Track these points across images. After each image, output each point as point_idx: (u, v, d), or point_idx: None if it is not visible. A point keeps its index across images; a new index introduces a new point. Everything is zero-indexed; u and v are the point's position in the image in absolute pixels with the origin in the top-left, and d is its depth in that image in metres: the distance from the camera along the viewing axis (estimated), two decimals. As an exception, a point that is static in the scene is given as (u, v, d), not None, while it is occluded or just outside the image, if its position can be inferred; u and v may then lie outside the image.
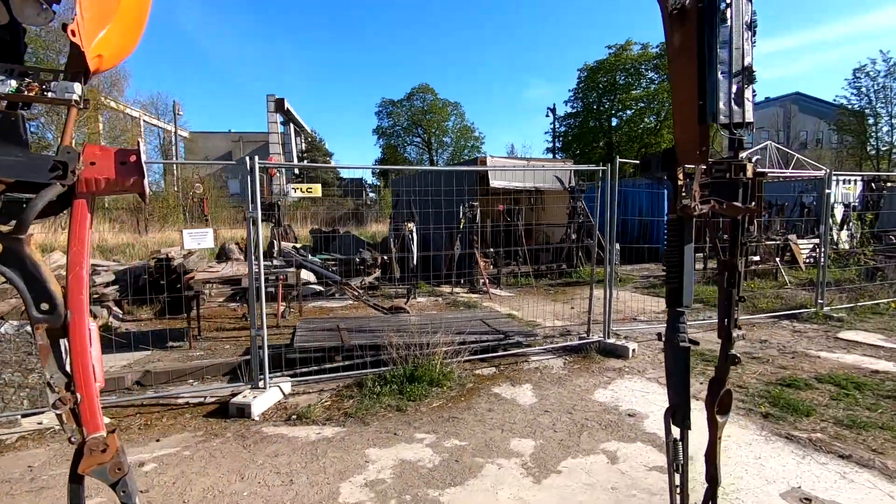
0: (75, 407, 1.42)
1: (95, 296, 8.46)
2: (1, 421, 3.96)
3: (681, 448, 2.16)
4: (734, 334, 2.25)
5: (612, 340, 5.72)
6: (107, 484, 1.43)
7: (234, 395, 4.31)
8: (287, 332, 6.34)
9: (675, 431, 2.27)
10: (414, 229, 9.92)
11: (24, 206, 1.30)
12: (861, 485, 2.95)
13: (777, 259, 10.70)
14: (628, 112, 35.33)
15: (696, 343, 2.13)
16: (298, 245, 14.56)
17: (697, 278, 10.78)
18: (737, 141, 2.21)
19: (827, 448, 3.38)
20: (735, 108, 1.97)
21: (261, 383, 4.41)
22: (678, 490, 2.17)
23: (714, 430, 2.34)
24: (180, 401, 4.46)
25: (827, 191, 6.95)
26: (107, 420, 4.02)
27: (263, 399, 4.26)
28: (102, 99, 33.15)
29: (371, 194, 47.51)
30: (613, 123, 36.42)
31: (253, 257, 4.35)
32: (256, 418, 4.08)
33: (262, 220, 8.67)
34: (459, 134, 47.11)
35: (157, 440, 3.73)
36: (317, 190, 6.69)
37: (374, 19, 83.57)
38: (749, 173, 2.14)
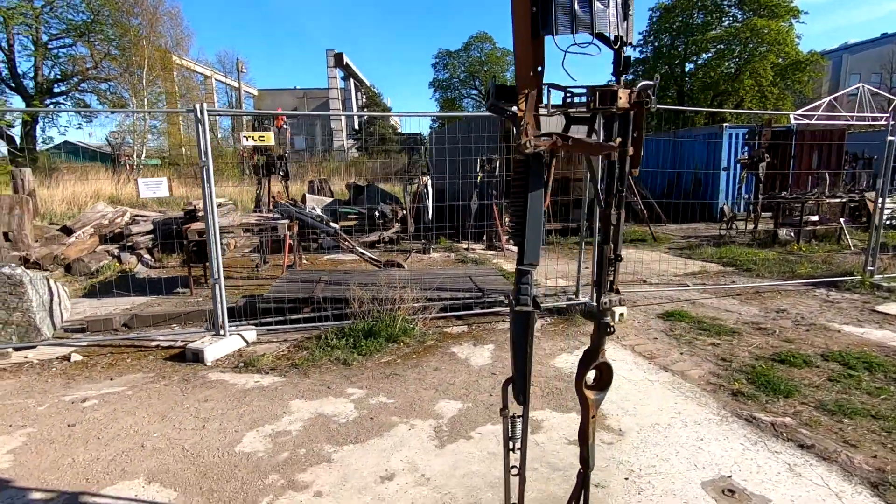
0: None
1: (129, 244, 9.09)
2: (-7, 353, 4.36)
3: (519, 424, 1.88)
4: (607, 300, 1.89)
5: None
6: None
7: (195, 340, 4.45)
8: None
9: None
10: (429, 183, 9.64)
11: None
12: (808, 480, 2.51)
13: (842, 219, 9.36)
14: (704, 56, 31.85)
15: (537, 307, 1.80)
16: (336, 199, 14.78)
17: (747, 239, 9.74)
18: (622, 61, 1.78)
19: (789, 435, 2.92)
20: (579, 15, 1.54)
21: (222, 331, 4.52)
22: (514, 471, 1.91)
23: (586, 407, 2.03)
24: (153, 344, 4.69)
25: (890, 138, 5.83)
26: (78, 358, 4.31)
27: (220, 346, 4.36)
28: (175, 59, 34.84)
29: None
30: (687, 69, 33.09)
31: (209, 209, 4.36)
32: (209, 364, 4.20)
33: (272, 173, 8.81)
34: (518, 85, 44.99)
35: (111, 379, 3.94)
36: (269, 138, 6.56)
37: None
38: (622, 103, 1.71)
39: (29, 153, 28.24)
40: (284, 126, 8.14)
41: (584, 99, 1.76)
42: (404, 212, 10.70)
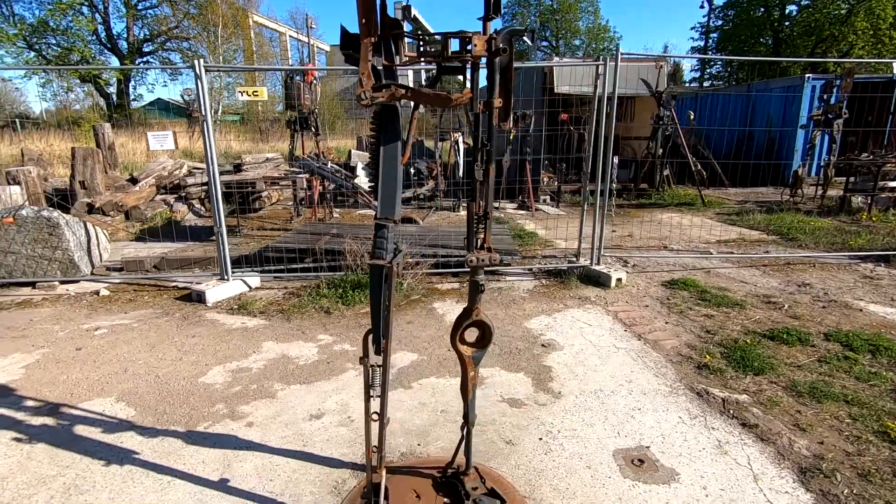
0: None
1: (184, 194, 9.90)
2: (42, 285, 5.05)
3: (379, 373, 1.94)
4: (473, 258, 1.86)
5: (598, 267, 5.08)
6: None
7: (202, 283, 4.87)
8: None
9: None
10: (460, 139, 9.50)
11: None
12: (732, 459, 2.38)
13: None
14: (809, -5, 27.84)
15: (387, 263, 1.80)
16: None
17: (814, 206, 8.78)
18: (491, 4, 1.68)
19: (736, 413, 2.75)
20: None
21: (226, 276, 4.90)
22: (374, 417, 1.99)
23: (464, 364, 2.05)
24: (171, 285, 5.19)
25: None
26: (106, 293, 4.88)
27: (222, 290, 4.75)
28: (252, 17, 36.11)
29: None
30: (789, 11, 29.15)
31: (213, 163, 4.64)
32: (209, 304, 4.59)
33: (303, 129, 9.07)
34: (592, 35, 42.12)
35: (125, 312, 4.45)
36: (262, 93, 6.67)
37: None
38: (478, 51, 1.63)
39: (123, 109, 30.96)
40: (315, 81, 8.29)
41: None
42: (439, 169, 10.67)
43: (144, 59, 33.76)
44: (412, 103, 1.78)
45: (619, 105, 13.04)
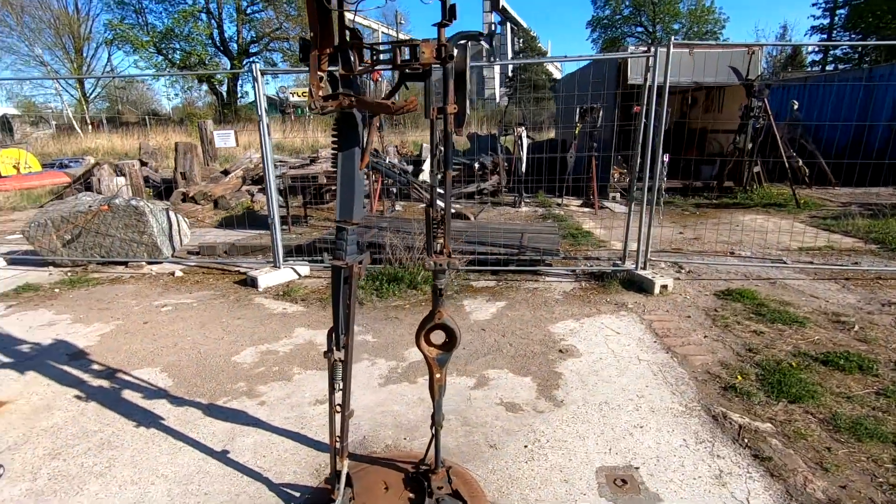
0: None
1: (258, 185, 10.75)
2: (132, 264, 5.81)
3: (339, 369, 2.03)
4: (431, 262, 1.89)
5: (643, 272, 4.79)
6: None
7: (258, 269, 5.32)
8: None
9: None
10: (523, 134, 9.31)
11: None
12: (728, 492, 2.18)
13: None
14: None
15: (345, 264, 1.88)
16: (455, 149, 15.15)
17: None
18: (446, 10, 1.70)
19: (750, 443, 2.50)
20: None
21: (278, 264, 5.30)
22: (337, 409, 2.08)
23: (430, 366, 2.09)
24: (234, 269, 5.72)
25: None
26: (180, 274, 5.50)
27: (273, 276, 5.15)
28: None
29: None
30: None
31: (268, 160, 5.03)
32: (260, 290, 5.01)
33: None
34: (694, 18, 38.90)
35: (190, 293, 4.99)
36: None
37: None
38: (426, 58, 1.65)
39: (230, 107, 34.07)
40: (381, 79, 8.58)
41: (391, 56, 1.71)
42: (505, 164, 10.58)
43: (251, 59, 36.80)
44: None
45: (706, 95, 12.07)
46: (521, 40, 58.05)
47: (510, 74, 55.05)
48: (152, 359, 3.58)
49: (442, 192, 1.83)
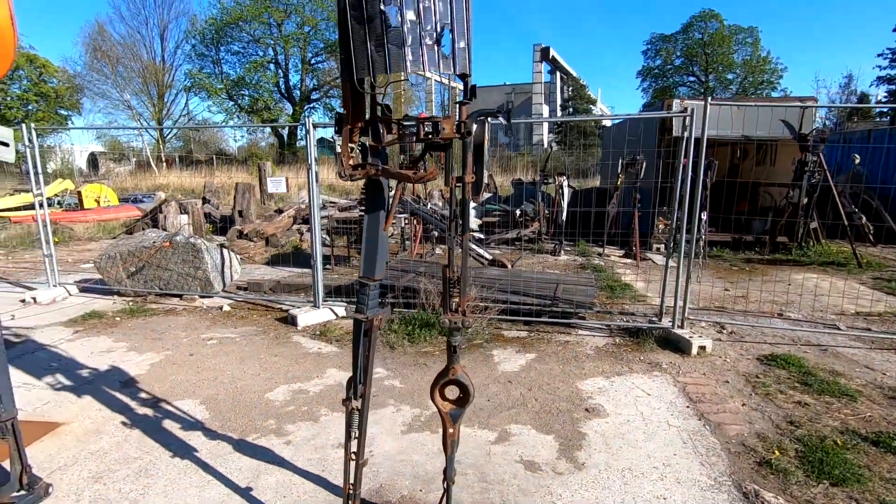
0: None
1: (307, 225, 11.28)
2: (186, 297, 6.22)
3: (356, 418, 2.12)
4: (446, 320, 1.98)
5: (680, 331, 4.65)
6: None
7: (299, 308, 5.56)
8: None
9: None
10: (565, 183, 9.38)
11: None
12: (754, 579, 2.06)
13: None
14: None
15: (366, 318, 2.00)
16: (496, 194, 15.41)
17: None
18: (467, 90, 1.87)
19: (784, 526, 2.35)
20: (374, 58, 1.70)
21: (318, 304, 5.53)
22: (352, 456, 2.15)
23: (444, 421, 2.15)
24: (277, 306, 6.00)
25: None
26: (228, 309, 5.83)
27: (312, 316, 5.37)
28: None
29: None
30: None
31: (314, 204, 5.36)
32: (299, 328, 5.22)
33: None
34: (750, 68, 38.39)
35: (235, 327, 5.27)
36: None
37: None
38: (447, 133, 1.81)
39: (290, 148, 36.24)
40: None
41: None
42: (548, 212, 10.65)
43: (311, 105, 39.35)
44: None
45: (758, 148, 11.78)
46: (570, 88, 58.99)
47: (557, 125, 55.78)
48: (193, 390, 3.80)
49: (475, 240, 1.94)
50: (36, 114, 30.91)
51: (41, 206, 6.35)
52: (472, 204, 9.23)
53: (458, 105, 1.87)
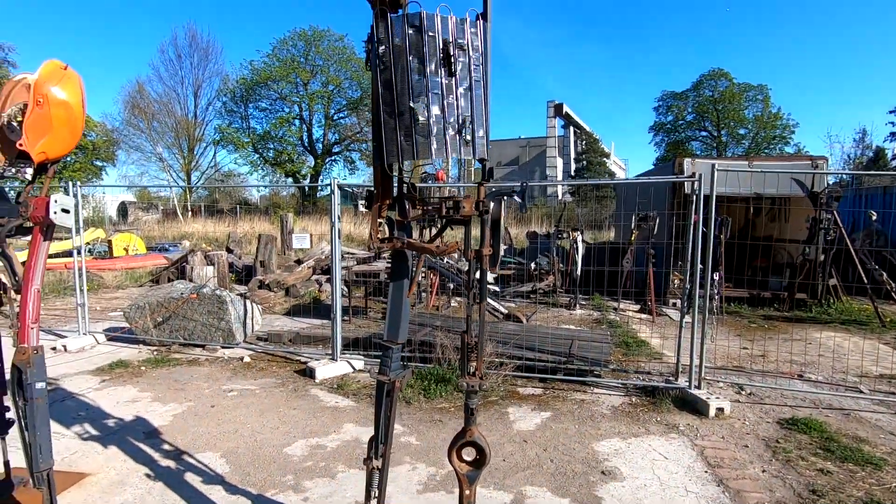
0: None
1: (326, 275, 11.53)
2: (209, 347, 6.39)
3: (376, 477, 2.20)
4: (464, 383, 2.10)
5: (697, 392, 4.62)
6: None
7: (317, 360, 5.67)
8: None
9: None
10: (579, 238, 9.55)
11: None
12: None
13: None
14: None
15: (389, 379, 2.12)
16: (512, 247, 15.62)
17: None
18: (485, 172, 2.09)
19: None
20: (403, 146, 1.92)
21: (336, 357, 5.65)
22: None
23: (460, 482, 2.22)
24: (296, 358, 6.12)
25: None
26: (248, 360, 5.97)
27: (330, 368, 5.47)
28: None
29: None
30: None
31: (335, 260, 5.59)
32: (317, 381, 5.32)
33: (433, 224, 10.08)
34: (761, 123, 39.06)
35: (255, 379, 5.39)
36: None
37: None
38: (466, 211, 2.01)
39: (310, 199, 37.36)
40: (445, 181, 9.35)
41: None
42: (562, 266, 10.76)
43: (333, 157, 40.89)
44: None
45: (772, 204, 11.88)
46: (583, 142, 60.41)
47: (573, 174, 56.88)
48: (214, 443, 3.88)
49: (490, 293, 2.08)
50: (73, 164, 32.65)
51: (79, 252, 6.70)
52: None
53: (477, 185, 2.07)
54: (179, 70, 39.59)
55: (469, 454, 2.26)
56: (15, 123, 2.63)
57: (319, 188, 41.54)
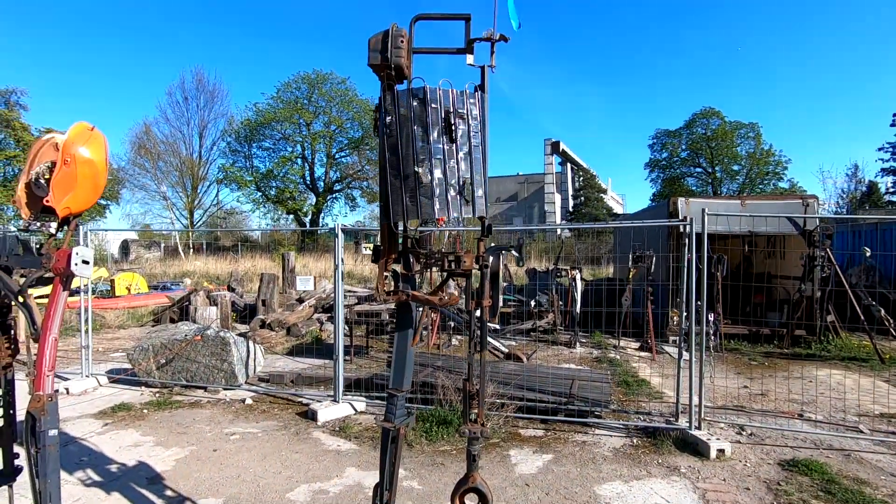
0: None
1: (328, 314, 11.59)
2: (211, 389, 6.41)
3: (381, 524, 2.24)
4: (468, 430, 2.18)
5: (697, 432, 4.64)
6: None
7: (319, 402, 5.69)
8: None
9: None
10: (578, 277, 9.68)
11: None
12: None
13: None
14: None
15: (394, 426, 2.21)
16: (511, 283, 15.71)
17: None
18: (484, 228, 2.23)
19: None
20: (408, 206, 2.08)
21: (338, 399, 5.67)
22: None
23: (463, 528, 2.27)
24: (298, 399, 6.14)
25: None
26: (250, 402, 5.99)
27: (332, 411, 5.49)
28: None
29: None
30: None
31: (339, 298, 5.70)
32: (319, 423, 5.33)
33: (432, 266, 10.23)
34: (754, 160, 39.90)
35: (257, 422, 5.40)
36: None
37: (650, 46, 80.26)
38: (467, 265, 2.15)
39: (311, 236, 37.68)
40: (445, 224, 9.56)
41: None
42: (561, 304, 10.84)
43: (334, 195, 41.52)
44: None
45: (767, 240, 12.08)
46: (580, 178, 61.41)
47: (570, 209, 57.60)
48: (217, 489, 3.89)
49: (490, 331, 2.18)
50: (79, 204, 33.06)
51: (84, 292, 6.80)
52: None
53: (477, 240, 2.22)
54: (186, 112, 40.75)
55: (472, 500, 2.32)
56: (42, 181, 2.81)
57: (320, 226, 42.02)
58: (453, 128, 2.10)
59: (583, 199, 54.88)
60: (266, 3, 79.05)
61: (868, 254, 11.47)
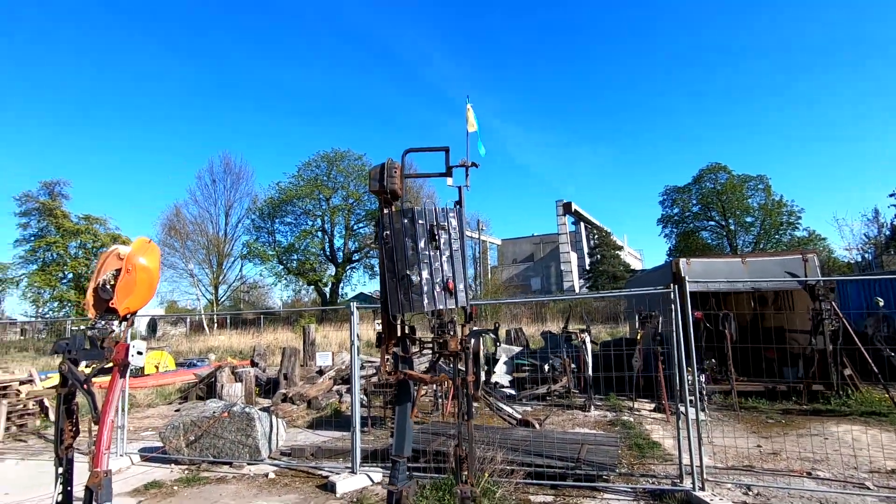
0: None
1: (346, 385, 11.87)
2: (236, 464, 6.72)
3: (388, 579, 2.56)
4: (459, 490, 2.56)
5: (701, 494, 4.77)
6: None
7: (338, 474, 5.96)
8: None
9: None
10: (587, 339, 9.91)
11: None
12: None
13: None
14: None
15: (397, 489, 2.59)
16: (527, 347, 15.85)
17: None
18: (466, 315, 2.72)
19: None
20: (402, 301, 2.60)
21: (355, 470, 5.94)
22: None
23: (460, 581, 2.57)
24: (318, 472, 6.40)
25: None
26: (272, 476, 6.29)
27: (350, 482, 5.74)
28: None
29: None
30: None
31: (355, 373, 6.12)
32: (338, 495, 5.58)
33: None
34: (766, 211, 40.11)
35: (279, 496, 5.67)
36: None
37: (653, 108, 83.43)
38: (452, 348, 2.62)
39: (332, 303, 38.42)
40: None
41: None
42: (573, 367, 10.99)
43: (352, 265, 42.66)
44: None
45: (776, 295, 12.21)
46: (595, 237, 62.02)
47: (587, 267, 57.78)
48: (243, 561, 4.17)
49: (505, 397, 2.58)
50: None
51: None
52: (504, 357, 9.84)
53: (461, 326, 2.71)
54: (213, 193, 43.31)
55: (467, 556, 2.63)
56: (108, 286, 3.44)
57: (340, 295, 42.87)
58: (437, 237, 2.65)
59: (598, 256, 55.18)
60: (290, 87, 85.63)
61: (881, 303, 11.48)
